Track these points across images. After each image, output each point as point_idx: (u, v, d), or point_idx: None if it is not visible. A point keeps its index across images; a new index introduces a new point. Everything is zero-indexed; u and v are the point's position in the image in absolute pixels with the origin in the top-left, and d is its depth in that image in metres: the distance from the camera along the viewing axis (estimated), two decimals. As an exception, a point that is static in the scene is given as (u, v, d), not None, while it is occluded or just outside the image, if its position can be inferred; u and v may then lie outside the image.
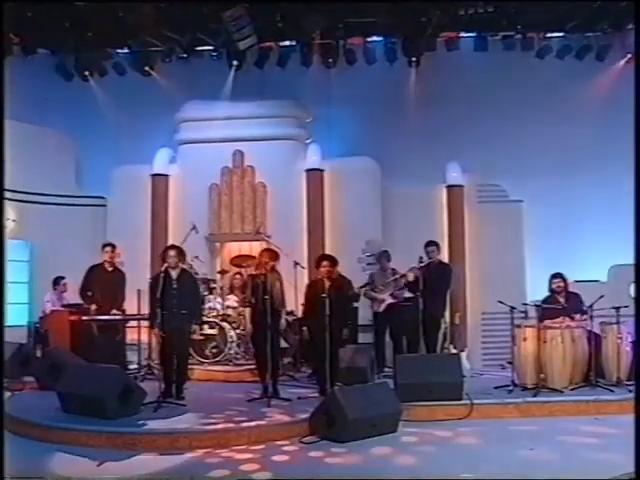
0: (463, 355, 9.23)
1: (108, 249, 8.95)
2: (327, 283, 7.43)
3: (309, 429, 6.13)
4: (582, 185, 11.37)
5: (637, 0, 7.66)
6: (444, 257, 10.59)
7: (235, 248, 11.54)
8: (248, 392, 7.74)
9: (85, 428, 5.94)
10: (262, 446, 5.81)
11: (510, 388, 7.69)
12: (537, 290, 10.65)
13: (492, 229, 11.05)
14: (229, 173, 11.37)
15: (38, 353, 9.32)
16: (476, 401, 7.09)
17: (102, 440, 5.79)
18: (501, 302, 8.01)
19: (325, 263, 7.59)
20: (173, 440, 5.73)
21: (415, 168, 11.13)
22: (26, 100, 10.29)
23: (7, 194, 9.44)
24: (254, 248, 11.25)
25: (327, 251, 10.64)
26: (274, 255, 7.54)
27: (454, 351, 9.71)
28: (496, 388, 7.84)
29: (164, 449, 5.65)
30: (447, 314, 9.58)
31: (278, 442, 5.93)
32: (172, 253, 7.40)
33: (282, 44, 10.97)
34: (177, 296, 7.24)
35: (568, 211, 11.37)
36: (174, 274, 7.38)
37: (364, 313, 9.97)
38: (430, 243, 9.05)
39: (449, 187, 11.29)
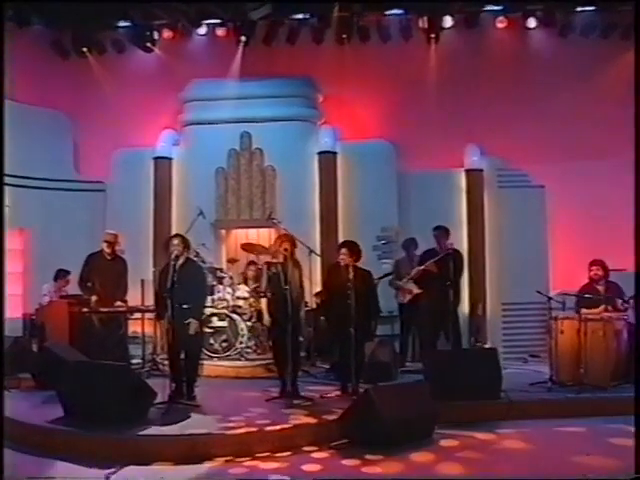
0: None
1: (110, 237, 8.33)
2: (351, 272, 6.80)
3: (338, 432, 5.52)
4: (608, 168, 10.74)
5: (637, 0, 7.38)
6: (462, 244, 10.12)
7: (242, 235, 10.95)
8: (264, 390, 7.15)
9: (89, 434, 5.32)
10: (288, 453, 5.20)
11: (548, 385, 7.13)
12: (560, 279, 10.26)
13: (513, 216, 10.56)
14: (236, 156, 10.79)
15: (34, 347, 8.70)
16: (514, 399, 6.53)
17: (109, 447, 5.16)
18: (539, 292, 7.43)
19: (344, 251, 6.93)
20: (190, 447, 5.10)
21: (432, 151, 10.53)
22: (19, 78, 9.64)
23: (0, 178, 8.80)
24: (262, 235, 10.71)
25: (341, 238, 10.11)
26: (291, 241, 6.90)
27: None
28: (532, 385, 7.28)
29: (180, 458, 5.01)
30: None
31: (305, 448, 5.33)
32: (175, 242, 6.73)
33: (293, 17, 10.27)
34: (180, 289, 6.53)
35: (594, 196, 10.75)
36: (178, 265, 6.69)
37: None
38: (435, 228, 8.60)
39: (468, 171, 10.81)
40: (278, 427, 5.43)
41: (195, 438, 5.19)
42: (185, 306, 6.46)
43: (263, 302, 6.89)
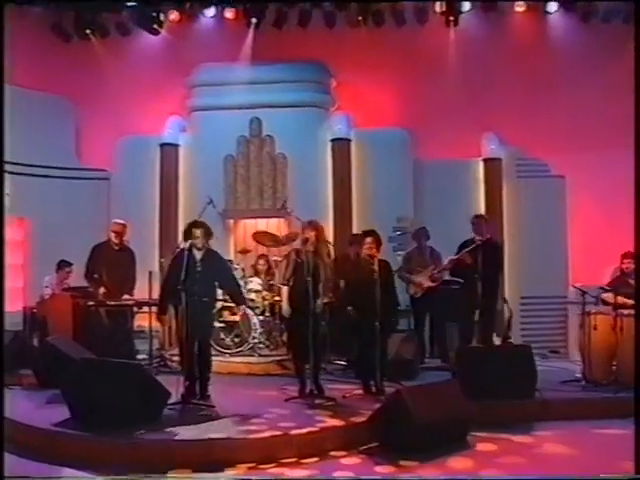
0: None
1: (118, 228, 7.92)
2: (376, 263, 6.40)
3: (367, 436, 5.11)
4: (631, 158, 10.28)
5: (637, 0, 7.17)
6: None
7: (251, 226, 10.48)
8: (281, 388, 6.78)
9: (98, 438, 4.89)
10: (315, 459, 4.78)
11: (582, 384, 6.76)
12: (580, 273, 9.89)
13: (532, 207, 10.22)
14: (246, 143, 10.38)
15: (35, 342, 8.29)
16: (547, 398, 6.20)
17: (120, 453, 4.74)
18: (574, 286, 7.04)
19: (369, 240, 6.53)
20: (209, 453, 4.68)
21: (449, 139, 10.11)
22: (19, 61, 9.16)
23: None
24: (271, 226, 10.28)
25: (355, 228, 9.83)
26: (317, 229, 6.48)
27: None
28: (564, 383, 6.91)
29: (198, 465, 4.59)
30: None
31: (333, 453, 4.91)
32: (198, 232, 6.29)
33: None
34: (200, 281, 6.16)
35: (615, 187, 10.33)
36: (198, 255, 6.30)
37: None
38: (475, 216, 8.15)
39: (486, 160, 10.46)
40: (304, 430, 5.01)
41: (215, 443, 4.77)
42: (205, 299, 6.09)
43: (284, 291, 6.46)
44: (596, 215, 10.23)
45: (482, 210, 10.22)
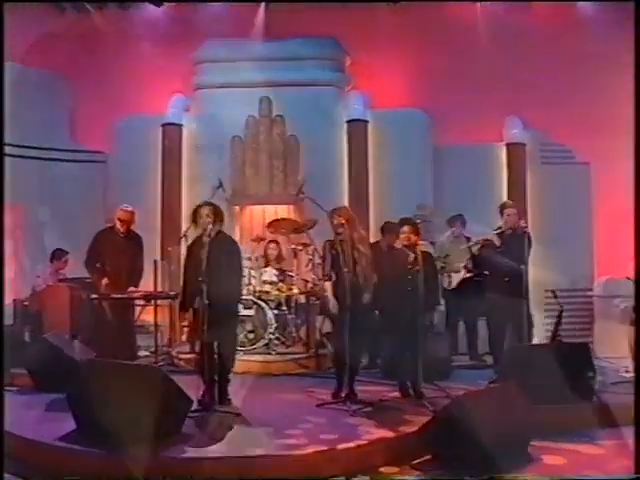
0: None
1: (125, 216, 7.28)
2: (411, 255, 5.78)
3: (419, 448, 4.47)
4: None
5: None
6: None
7: (258, 212, 9.86)
8: (306, 391, 6.13)
9: (113, 455, 4.20)
10: (366, 477, 4.14)
11: (639, 385, 6.18)
12: (606, 265, 9.41)
13: (557, 194, 9.67)
14: (255, 124, 9.76)
15: (26, 337, 7.63)
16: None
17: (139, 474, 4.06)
18: (629, 278, 6.44)
19: (406, 229, 5.95)
20: (243, 470, 4.01)
21: (470, 123, 9.46)
22: (9, 35, 8.43)
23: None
24: (280, 213, 9.62)
25: (372, 216, 9.27)
26: (346, 215, 5.83)
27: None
28: (614, 384, 6.34)
29: (232, 486, 3.95)
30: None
31: (382, 469, 4.28)
32: (205, 211, 5.59)
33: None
34: (208, 271, 5.42)
35: (643, 175, 9.85)
36: (205, 242, 5.59)
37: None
38: (508, 205, 7.44)
39: (509, 145, 9.94)
40: (352, 444, 4.35)
41: (253, 461, 4.09)
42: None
43: (328, 287, 5.77)
44: (622, 205, 9.70)
45: (505, 197, 9.75)
